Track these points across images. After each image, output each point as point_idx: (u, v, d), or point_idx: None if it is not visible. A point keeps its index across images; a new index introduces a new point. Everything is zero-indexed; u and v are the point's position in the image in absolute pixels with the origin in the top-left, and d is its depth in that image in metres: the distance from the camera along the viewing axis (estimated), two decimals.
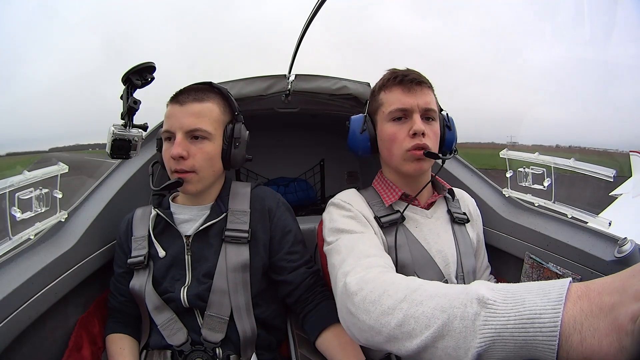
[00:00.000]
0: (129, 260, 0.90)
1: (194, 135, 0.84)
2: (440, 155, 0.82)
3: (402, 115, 0.81)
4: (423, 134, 0.79)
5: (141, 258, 0.89)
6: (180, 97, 0.86)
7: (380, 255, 0.69)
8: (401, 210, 0.85)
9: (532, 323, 0.35)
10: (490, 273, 1.02)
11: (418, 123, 0.79)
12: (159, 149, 0.90)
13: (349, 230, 0.77)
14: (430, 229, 0.87)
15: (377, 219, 0.84)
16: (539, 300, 0.36)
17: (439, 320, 0.42)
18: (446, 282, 0.83)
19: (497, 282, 1.03)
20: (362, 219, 0.81)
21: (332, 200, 0.88)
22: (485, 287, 0.41)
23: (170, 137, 0.85)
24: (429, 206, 0.91)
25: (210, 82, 0.91)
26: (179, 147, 0.82)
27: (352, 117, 0.91)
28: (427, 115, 0.82)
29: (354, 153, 0.90)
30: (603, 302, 0.33)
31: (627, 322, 0.31)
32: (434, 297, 0.45)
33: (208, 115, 0.85)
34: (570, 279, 0.37)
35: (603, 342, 0.32)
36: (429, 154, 0.80)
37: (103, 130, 0.85)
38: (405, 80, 0.81)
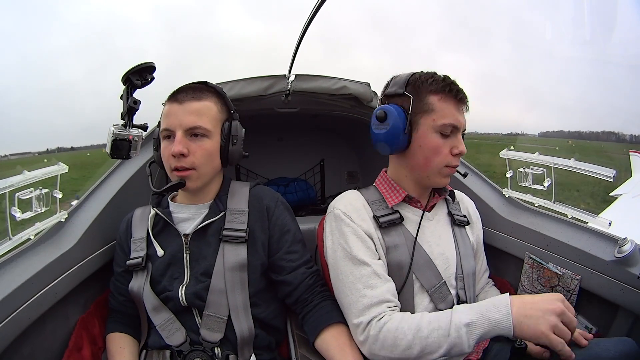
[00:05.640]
0: (128, 262, 0.90)
1: (194, 133, 0.85)
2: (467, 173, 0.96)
3: (451, 132, 0.81)
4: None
5: (139, 260, 0.89)
6: (179, 95, 0.86)
7: (389, 299, 0.77)
8: (400, 211, 0.86)
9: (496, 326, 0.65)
10: (490, 275, 1.02)
11: (463, 144, 0.82)
12: (157, 148, 0.91)
13: (360, 261, 0.79)
14: (431, 231, 0.87)
15: (375, 218, 0.84)
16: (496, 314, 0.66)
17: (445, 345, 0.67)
18: (444, 283, 0.83)
19: (495, 285, 1.03)
20: (362, 234, 0.81)
21: (333, 209, 0.86)
22: (465, 315, 0.68)
23: (170, 135, 0.86)
24: (430, 208, 0.91)
25: (206, 82, 0.92)
26: (180, 144, 0.83)
27: (387, 107, 0.82)
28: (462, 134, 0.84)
29: (379, 147, 0.85)
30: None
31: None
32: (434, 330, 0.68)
33: (207, 113, 0.87)
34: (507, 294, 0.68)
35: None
36: (462, 174, 0.95)
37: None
38: (459, 97, 0.81)
